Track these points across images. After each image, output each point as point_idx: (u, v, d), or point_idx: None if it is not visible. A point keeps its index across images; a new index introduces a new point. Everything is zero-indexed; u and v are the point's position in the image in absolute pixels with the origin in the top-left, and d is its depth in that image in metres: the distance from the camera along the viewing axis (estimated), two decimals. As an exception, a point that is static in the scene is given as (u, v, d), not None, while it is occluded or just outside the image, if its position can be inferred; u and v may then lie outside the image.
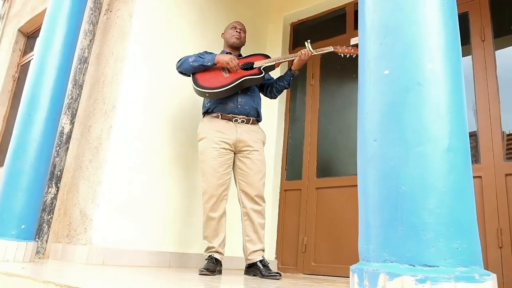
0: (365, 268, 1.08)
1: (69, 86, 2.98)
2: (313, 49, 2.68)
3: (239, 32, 2.88)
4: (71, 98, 3.02)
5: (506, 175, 2.72)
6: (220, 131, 2.64)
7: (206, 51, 2.81)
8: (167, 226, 2.98)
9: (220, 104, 2.68)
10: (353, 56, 2.73)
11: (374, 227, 1.10)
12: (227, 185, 2.64)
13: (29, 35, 5.03)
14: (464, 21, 3.14)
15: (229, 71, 2.67)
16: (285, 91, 3.11)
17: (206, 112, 2.75)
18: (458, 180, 1.05)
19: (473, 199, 1.09)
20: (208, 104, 2.73)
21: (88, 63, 3.15)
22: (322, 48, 2.69)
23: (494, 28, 3.03)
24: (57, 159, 2.91)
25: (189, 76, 2.75)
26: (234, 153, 2.69)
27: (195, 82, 2.66)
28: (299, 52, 2.69)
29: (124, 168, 2.77)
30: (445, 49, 1.14)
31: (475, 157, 2.87)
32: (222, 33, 3.00)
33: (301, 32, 4.24)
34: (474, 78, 3.00)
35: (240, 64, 2.69)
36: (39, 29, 3.19)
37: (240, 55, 2.89)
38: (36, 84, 2.53)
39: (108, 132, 2.77)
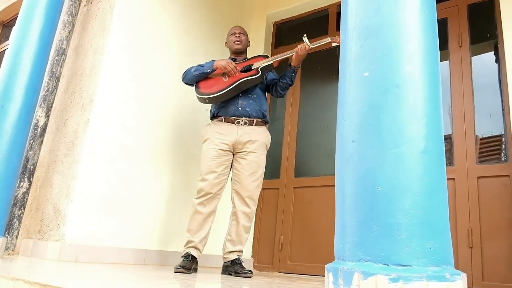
0: (340, 267, 1.09)
1: (46, 78, 2.91)
2: (310, 43, 2.69)
3: (239, 36, 2.92)
4: (47, 90, 2.94)
5: (478, 177, 2.79)
6: (221, 133, 2.69)
7: (213, 60, 2.84)
8: (143, 224, 2.95)
9: (223, 108, 2.75)
10: None
11: (350, 226, 1.11)
12: (223, 185, 2.68)
13: (5, 24, 4.88)
14: (443, 26, 3.21)
15: (228, 75, 2.72)
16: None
17: (212, 117, 2.83)
18: (432, 181, 1.07)
19: (447, 200, 1.11)
20: (213, 109, 2.82)
21: (66, 55, 3.08)
22: (319, 40, 2.70)
23: (471, 35, 3.11)
24: (30, 152, 2.84)
25: (193, 85, 2.82)
26: (234, 154, 2.72)
27: (197, 90, 2.77)
28: (296, 48, 2.70)
29: (101, 164, 2.72)
30: (424, 53, 1.16)
31: (449, 160, 2.94)
32: (226, 42, 3.04)
33: (284, 31, 4.25)
34: (450, 82, 3.07)
35: (239, 68, 2.74)
36: (16, 18, 3.10)
37: (246, 58, 2.91)
38: (11, 75, 2.46)
39: (85, 126, 2.72)
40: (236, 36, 2.92)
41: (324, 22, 3.94)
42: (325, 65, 3.79)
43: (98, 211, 2.68)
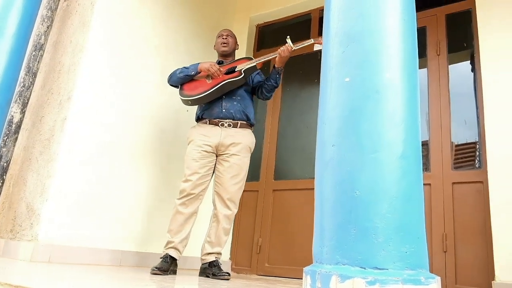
0: (318, 270, 1.09)
1: (22, 73, 2.83)
2: (293, 45, 2.71)
3: (226, 39, 2.93)
4: (23, 86, 2.87)
5: (453, 183, 2.86)
6: (205, 135, 2.70)
7: (199, 62, 2.83)
8: (121, 224, 2.90)
9: (207, 110, 2.76)
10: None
11: (328, 230, 1.12)
12: (206, 186, 2.68)
13: (-20, 17, 4.74)
14: (421, 35, 3.28)
15: (212, 77, 2.73)
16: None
17: (197, 119, 2.83)
18: (409, 186, 1.09)
19: (423, 205, 1.13)
20: (199, 112, 2.83)
21: (44, 50, 3.01)
22: (303, 42, 2.72)
23: (449, 44, 3.19)
24: (4, 149, 2.76)
25: (178, 87, 2.84)
26: (217, 156, 2.72)
27: (180, 92, 2.80)
28: (278, 50, 2.72)
29: (78, 163, 2.67)
30: (403, 60, 1.18)
31: (426, 165, 3.00)
32: (214, 45, 3.05)
33: (266, 34, 4.27)
34: (428, 90, 3.14)
35: (224, 70, 2.76)
36: (-9, 11, 3.01)
37: (233, 61, 2.91)
38: (-15, 69, 2.39)
39: (61, 123, 2.66)
40: (223, 38, 2.93)
41: (306, 26, 3.97)
42: (307, 69, 3.82)
43: (74, 210, 2.62)
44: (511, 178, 2.56)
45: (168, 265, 2.46)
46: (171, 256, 2.52)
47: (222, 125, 2.71)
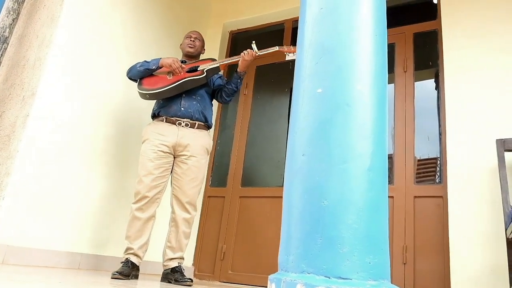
0: (283, 278, 1.10)
1: (-17, 65, 2.71)
2: (258, 50, 2.72)
3: (193, 41, 2.91)
4: (-16, 79, 2.75)
5: (415, 197, 2.95)
6: (161, 134, 2.63)
7: (160, 58, 2.79)
8: (80, 225, 2.82)
9: (164, 107, 2.70)
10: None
11: (295, 238, 1.12)
12: (161, 188, 2.60)
13: None
14: (390, 51, 3.39)
15: (173, 74, 2.69)
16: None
17: (153, 116, 2.76)
18: (375, 198, 1.11)
19: (387, 217, 1.16)
20: (155, 108, 2.75)
21: (8, 43, 2.89)
22: (267, 48, 2.74)
23: (416, 61, 3.31)
24: (-41, 144, 2.62)
25: (137, 81, 2.77)
26: (174, 157, 2.65)
27: (139, 86, 2.73)
28: (242, 53, 2.72)
29: (38, 161, 2.57)
30: (374, 74, 1.21)
31: (390, 178, 3.08)
32: (180, 44, 3.02)
33: (239, 41, 4.28)
34: (394, 105, 3.24)
35: (186, 68, 2.72)
36: (-47, -1, 2.87)
37: (197, 60, 2.88)
38: None
39: (23, 120, 2.56)
40: (191, 40, 2.91)
41: (279, 35, 4.01)
42: (278, 78, 3.86)
43: (31, 210, 2.52)
44: (469, 194, 2.67)
45: (130, 270, 2.41)
46: (131, 261, 2.46)
47: (180, 124, 2.65)
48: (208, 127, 2.79)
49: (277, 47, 2.74)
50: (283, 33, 4.01)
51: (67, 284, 1.58)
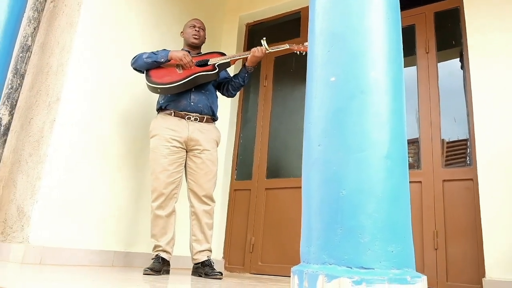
0: (305, 269, 1.10)
1: (9, 75, 2.81)
2: (268, 47, 2.70)
3: (198, 31, 2.85)
4: (11, 88, 2.84)
5: (444, 181, 2.88)
6: (172, 129, 2.60)
7: (164, 49, 2.75)
8: (111, 224, 2.89)
9: (173, 101, 2.65)
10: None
11: (315, 229, 1.12)
12: (178, 184, 2.60)
13: (-32, 18, 4.69)
14: (410, 33, 3.29)
15: (183, 67, 2.65)
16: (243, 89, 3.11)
17: (159, 109, 2.71)
18: (395, 186, 1.10)
19: (409, 204, 1.14)
20: (162, 101, 2.70)
21: (31, 52, 2.98)
22: (278, 46, 2.72)
23: (438, 41, 3.20)
24: (-7, 152, 2.73)
25: (143, 72, 2.71)
26: (186, 152, 2.66)
27: (148, 78, 2.64)
28: (252, 49, 2.69)
29: (67, 164, 2.65)
30: (388, 59, 1.18)
31: (417, 163, 3.02)
32: (181, 32, 2.96)
33: (256, 33, 4.26)
34: (418, 88, 3.15)
35: (194, 61, 2.67)
36: (-22, 13, 2.97)
37: (200, 53, 2.85)
38: (-28, 71, 2.36)
39: (50, 125, 2.64)
40: (195, 30, 2.85)
41: (296, 24, 3.97)
42: (297, 68, 3.83)
43: (64, 212, 2.61)
44: (500, 175, 2.58)
45: (161, 265, 2.45)
46: (162, 257, 2.51)
47: (189, 118, 2.64)
48: (214, 120, 2.78)
49: (287, 44, 2.71)
50: (300, 22, 3.96)
51: (101, 282, 1.63)
